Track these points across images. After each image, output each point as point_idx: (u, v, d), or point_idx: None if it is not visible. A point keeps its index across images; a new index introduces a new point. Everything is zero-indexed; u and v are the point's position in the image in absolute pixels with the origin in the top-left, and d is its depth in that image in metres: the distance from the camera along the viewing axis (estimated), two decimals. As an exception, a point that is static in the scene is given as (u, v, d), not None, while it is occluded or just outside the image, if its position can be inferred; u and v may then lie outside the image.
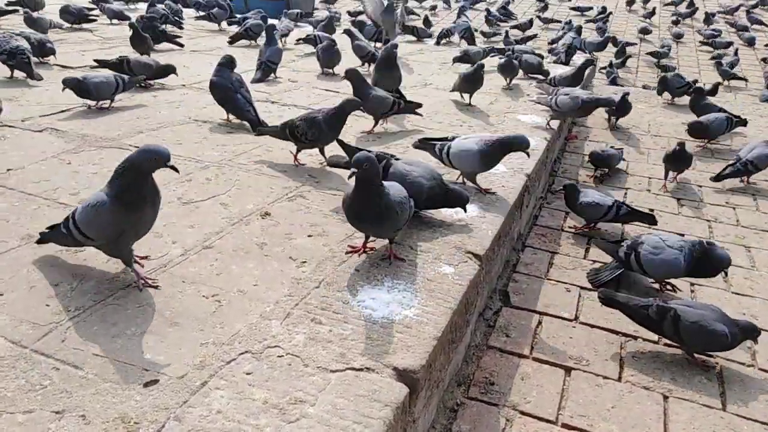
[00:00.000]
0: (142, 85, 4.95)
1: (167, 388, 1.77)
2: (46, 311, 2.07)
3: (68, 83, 4.18)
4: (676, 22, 13.91)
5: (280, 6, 11.31)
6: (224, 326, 2.05)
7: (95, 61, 5.19)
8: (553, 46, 10.52)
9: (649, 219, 3.82)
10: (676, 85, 6.71)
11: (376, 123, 4.22)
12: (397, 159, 2.99)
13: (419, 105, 4.36)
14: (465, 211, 2.92)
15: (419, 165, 2.96)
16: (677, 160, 4.58)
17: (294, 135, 3.40)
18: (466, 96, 5.21)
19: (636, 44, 12.24)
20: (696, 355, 2.70)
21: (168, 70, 5.05)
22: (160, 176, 3.16)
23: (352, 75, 4.11)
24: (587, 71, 6.23)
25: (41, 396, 1.72)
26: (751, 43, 12.04)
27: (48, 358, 1.86)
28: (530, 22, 13.31)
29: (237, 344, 1.96)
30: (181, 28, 7.69)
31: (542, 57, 7.18)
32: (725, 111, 5.84)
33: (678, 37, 12.43)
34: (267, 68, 5.50)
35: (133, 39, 5.83)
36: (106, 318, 2.05)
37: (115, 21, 7.85)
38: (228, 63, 4.20)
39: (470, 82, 5.08)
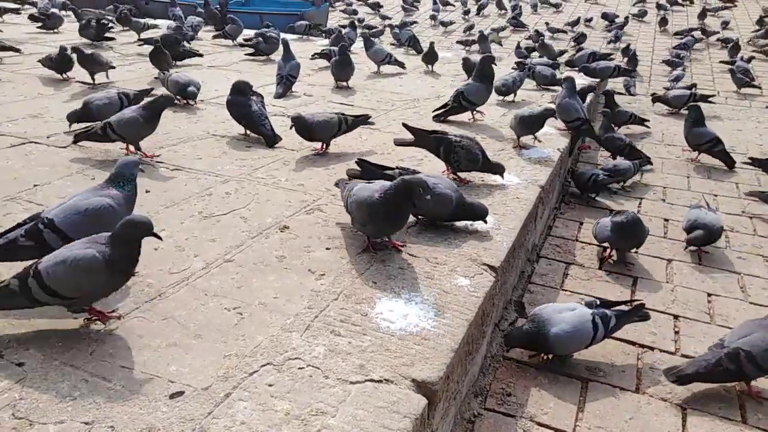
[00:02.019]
0: (176, 102, 5.00)
1: (192, 399, 1.82)
2: (74, 324, 2.13)
3: (72, 117, 4.07)
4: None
5: (293, 21, 11.45)
6: (246, 338, 2.10)
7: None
8: (582, 46, 10.57)
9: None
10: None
11: (328, 145, 4.09)
12: (418, 172, 3.06)
13: (367, 117, 4.25)
14: (485, 222, 2.97)
15: (441, 178, 3.05)
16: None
17: (447, 158, 3.55)
18: (527, 139, 4.49)
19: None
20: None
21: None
22: (180, 191, 3.26)
23: (295, 122, 3.97)
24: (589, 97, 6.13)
25: (71, 407, 1.78)
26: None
27: (77, 370, 1.92)
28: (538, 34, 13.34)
29: (259, 356, 2.01)
30: (192, 39, 7.75)
31: (555, 67, 7.20)
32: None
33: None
34: (288, 82, 5.60)
35: (153, 55, 5.93)
36: (133, 331, 2.11)
37: (142, 36, 8.02)
38: (240, 90, 4.26)
39: (528, 126, 4.37)
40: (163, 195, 3.24)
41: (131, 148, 3.81)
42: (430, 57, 7.15)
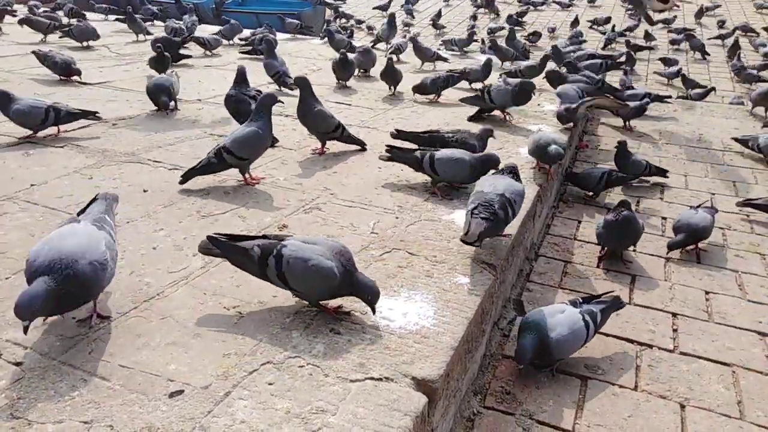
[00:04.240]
0: (168, 109, 4.95)
1: (192, 398, 1.81)
2: (72, 323, 2.12)
3: None
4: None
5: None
6: (246, 337, 2.09)
7: None
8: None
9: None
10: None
11: (323, 144, 4.01)
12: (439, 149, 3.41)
13: (363, 145, 4.12)
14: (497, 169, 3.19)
15: (459, 150, 3.41)
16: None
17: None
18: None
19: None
20: None
21: None
22: (179, 191, 3.25)
23: (301, 83, 3.85)
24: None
25: (70, 406, 1.77)
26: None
27: (76, 370, 1.91)
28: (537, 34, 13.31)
29: (259, 355, 2.01)
30: (187, 41, 7.68)
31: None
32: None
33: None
34: (283, 81, 5.62)
35: (153, 57, 5.87)
36: (131, 330, 2.11)
37: (141, 37, 8.00)
38: (239, 76, 4.28)
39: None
40: (161, 194, 3.23)
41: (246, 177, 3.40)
42: (389, 76, 5.75)
